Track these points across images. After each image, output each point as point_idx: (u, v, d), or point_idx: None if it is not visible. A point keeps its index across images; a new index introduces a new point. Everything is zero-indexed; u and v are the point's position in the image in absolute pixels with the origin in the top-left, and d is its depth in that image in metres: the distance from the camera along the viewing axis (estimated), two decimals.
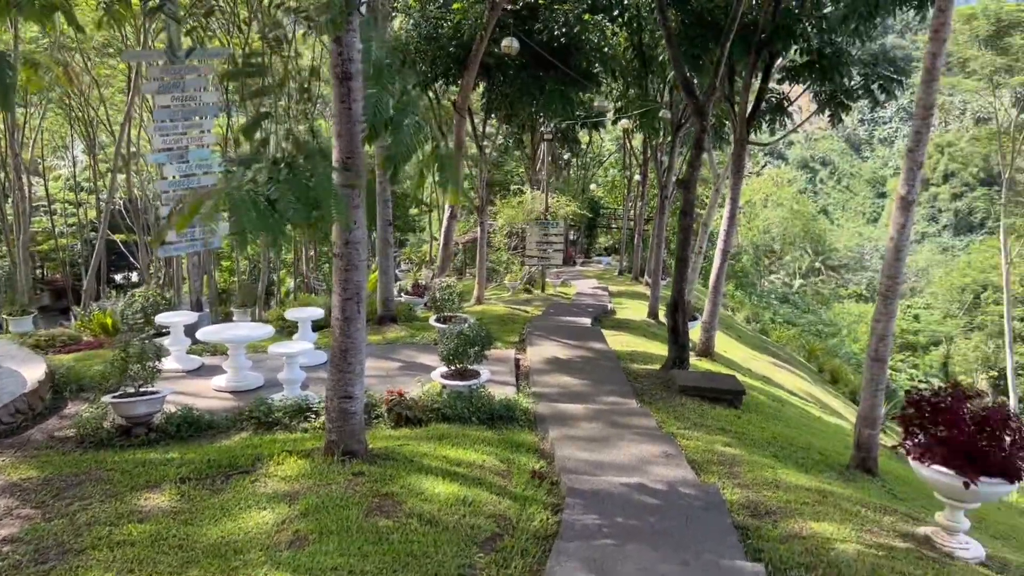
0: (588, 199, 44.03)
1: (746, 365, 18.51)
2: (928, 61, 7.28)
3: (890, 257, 7.80)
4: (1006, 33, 32.63)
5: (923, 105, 7.41)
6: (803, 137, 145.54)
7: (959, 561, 5.92)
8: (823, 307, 57.65)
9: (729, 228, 15.25)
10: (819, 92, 14.88)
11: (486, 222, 22.07)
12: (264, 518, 5.78)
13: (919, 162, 7.46)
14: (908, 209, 7.55)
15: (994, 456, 5.86)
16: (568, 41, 19.39)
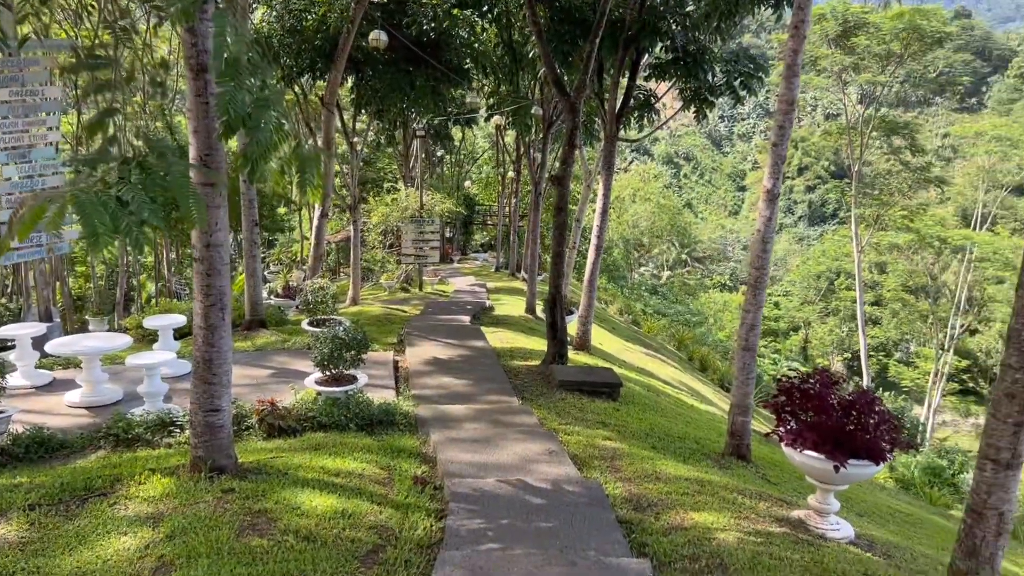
0: (463, 196, 43.99)
1: (621, 357, 18.87)
2: (789, 57, 7.53)
3: (757, 248, 8.04)
4: (852, 33, 34.70)
5: (785, 100, 7.67)
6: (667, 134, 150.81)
7: (831, 542, 6.13)
8: (690, 297, 59.80)
9: (602, 223, 15.46)
10: (684, 89, 15.28)
11: (359, 220, 21.59)
12: (125, 544, 5.33)
13: (782, 156, 7.72)
14: (773, 202, 7.80)
15: (861, 439, 6.10)
16: (437, 36, 19.20)
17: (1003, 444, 4.30)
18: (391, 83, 19.42)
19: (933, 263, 51.02)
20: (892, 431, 6.21)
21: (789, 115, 7.65)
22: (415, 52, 18.58)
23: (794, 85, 7.61)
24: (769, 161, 7.81)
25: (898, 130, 40.02)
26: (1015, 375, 4.21)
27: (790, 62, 7.50)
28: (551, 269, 12.08)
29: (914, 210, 41.84)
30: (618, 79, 15.07)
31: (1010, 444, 4.28)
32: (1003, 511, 4.38)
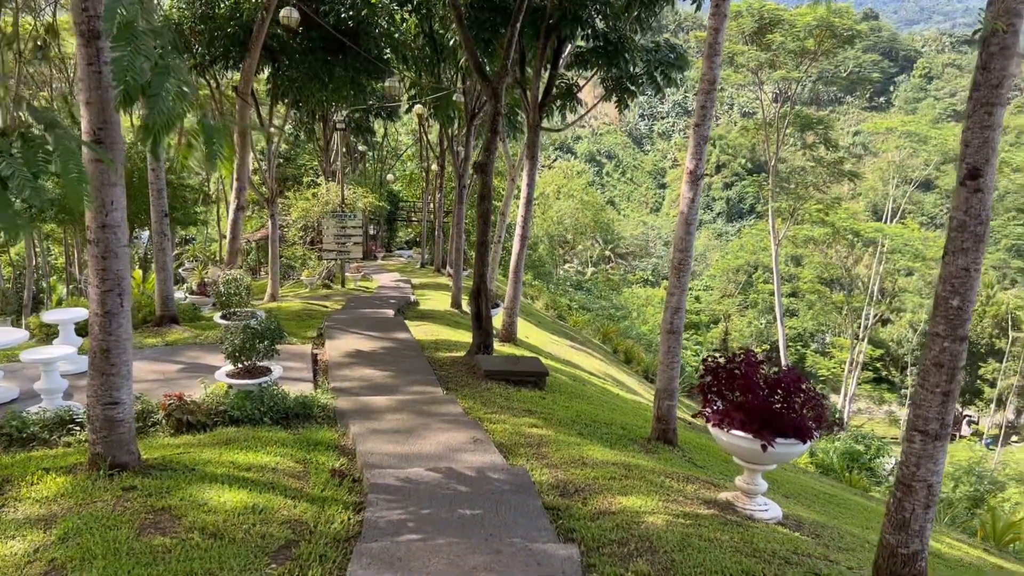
0: (387, 192, 43.41)
1: (547, 349, 18.79)
2: (711, 36, 7.47)
3: (681, 231, 7.97)
4: (768, 30, 35.44)
5: (707, 80, 7.61)
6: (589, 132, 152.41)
7: (760, 522, 6.07)
8: (614, 292, 60.41)
9: (526, 213, 15.32)
10: (606, 79, 15.25)
11: (277, 215, 20.96)
12: (13, 549, 4.87)
13: (705, 136, 7.65)
14: (697, 183, 7.74)
15: (788, 417, 6.04)
16: (356, 25, 18.74)
17: (931, 415, 4.25)
18: (308, 73, 18.88)
19: (847, 255, 52.74)
20: (818, 409, 6.19)
21: (711, 95, 7.60)
22: (333, 41, 18.10)
23: (715, 64, 7.55)
24: (692, 142, 7.74)
25: (812, 126, 41.10)
26: (943, 343, 4.16)
27: (712, 40, 7.45)
28: (475, 259, 11.86)
29: (829, 204, 43.09)
30: (540, 68, 14.93)
31: (938, 415, 4.24)
32: (931, 483, 4.34)
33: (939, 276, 4.18)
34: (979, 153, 3.92)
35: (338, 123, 27.06)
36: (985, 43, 3.91)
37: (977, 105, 3.96)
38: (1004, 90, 3.91)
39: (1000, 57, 3.88)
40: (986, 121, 3.93)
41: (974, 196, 3.96)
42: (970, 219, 4.00)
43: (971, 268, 4.03)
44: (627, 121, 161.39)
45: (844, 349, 53.96)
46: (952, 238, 4.07)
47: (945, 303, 4.13)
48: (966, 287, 4.05)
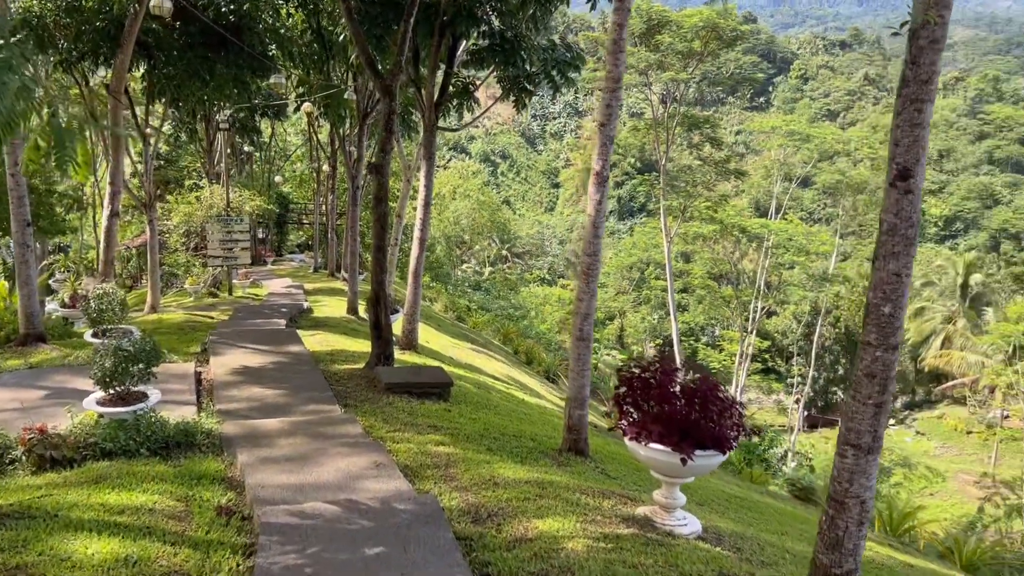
0: (276, 194, 41.96)
1: (448, 354, 18.34)
2: (615, 32, 7.19)
3: (588, 235, 7.66)
4: (657, 31, 35.95)
5: (612, 77, 7.33)
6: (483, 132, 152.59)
7: (680, 539, 5.81)
8: (512, 292, 60.47)
9: (425, 215, 14.83)
10: (503, 78, 14.91)
11: (156, 221, 19.73)
12: None
13: (611, 136, 7.37)
14: (603, 184, 7.45)
15: (707, 428, 5.80)
16: (238, 20, 17.78)
17: (864, 427, 4.04)
18: (188, 70, 17.80)
19: (733, 251, 54.34)
20: (735, 417, 5.98)
21: (616, 93, 7.33)
22: (214, 36, 17.09)
23: (620, 61, 7.28)
24: (597, 142, 7.45)
25: (700, 125, 42.00)
26: (875, 353, 3.96)
27: (615, 37, 7.17)
28: (372, 265, 11.29)
29: (717, 202, 44.17)
30: (435, 66, 14.46)
31: (871, 427, 4.03)
32: (865, 499, 4.14)
33: (869, 283, 3.97)
34: (909, 152, 3.72)
35: (222, 123, 25.81)
36: (914, 36, 3.72)
37: (907, 102, 3.77)
38: (934, 86, 3.72)
39: (930, 51, 3.70)
40: (916, 119, 3.73)
41: (905, 198, 3.76)
42: (901, 222, 3.80)
43: (902, 273, 3.84)
44: (520, 121, 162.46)
45: (734, 342, 55.55)
46: (883, 242, 3.87)
47: (877, 311, 3.92)
48: (898, 293, 3.85)
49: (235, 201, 26.56)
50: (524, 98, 15.18)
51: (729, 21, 36.81)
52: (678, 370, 6.26)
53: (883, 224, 3.87)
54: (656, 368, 6.19)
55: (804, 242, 46.57)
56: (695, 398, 5.98)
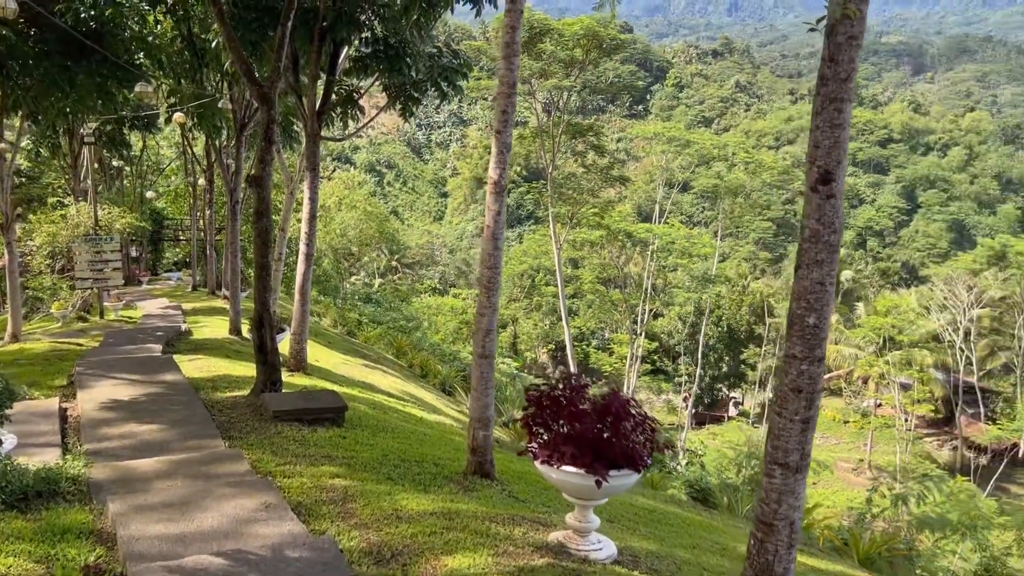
0: (149, 210, 39.89)
1: (341, 372, 17.67)
2: (508, 35, 6.89)
3: (488, 247, 7.32)
4: (539, 39, 36.17)
5: (506, 83, 7.02)
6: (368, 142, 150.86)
7: (596, 564, 5.53)
8: (403, 303, 59.70)
9: (310, 229, 14.17)
10: (389, 85, 14.44)
11: (15, 243, 18.22)
12: None
13: (507, 143, 7.07)
14: (501, 194, 7.13)
15: (620, 446, 5.55)
16: (100, 26, 16.60)
17: (792, 445, 3.85)
18: (45, 80, 16.49)
19: (618, 255, 55.37)
20: (649, 433, 5.76)
21: (511, 98, 7.03)
22: (73, 44, 15.88)
23: (514, 65, 6.99)
24: (494, 150, 7.12)
25: (584, 133, 42.58)
26: (800, 366, 3.77)
27: (508, 40, 6.88)
28: (256, 284, 10.60)
29: (604, 208, 44.85)
30: (316, 74, 13.85)
31: (799, 444, 3.84)
32: (794, 520, 3.95)
33: (791, 292, 3.79)
34: (830, 155, 3.56)
35: (87, 136, 24.19)
36: (832, 32, 3.56)
37: (826, 101, 3.60)
38: (853, 84, 3.56)
39: (848, 47, 3.54)
40: (836, 119, 3.57)
41: (827, 203, 3.59)
42: (823, 228, 3.63)
43: (826, 282, 3.66)
44: (405, 131, 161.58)
45: (624, 344, 56.53)
46: (805, 250, 3.69)
47: (801, 322, 3.74)
48: (822, 303, 3.68)
49: (104, 219, 24.97)
50: (411, 106, 14.75)
51: (609, 30, 37.47)
52: (587, 386, 6.00)
53: (805, 231, 3.69)
54: (565, 386, 5.90)
55: (687, 245, 47.86)
56: (606, 415, 5.72)
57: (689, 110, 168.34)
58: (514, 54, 6.93)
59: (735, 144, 64.58)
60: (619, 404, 5.73)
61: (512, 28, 6.84)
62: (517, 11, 6.86)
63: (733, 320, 72.37)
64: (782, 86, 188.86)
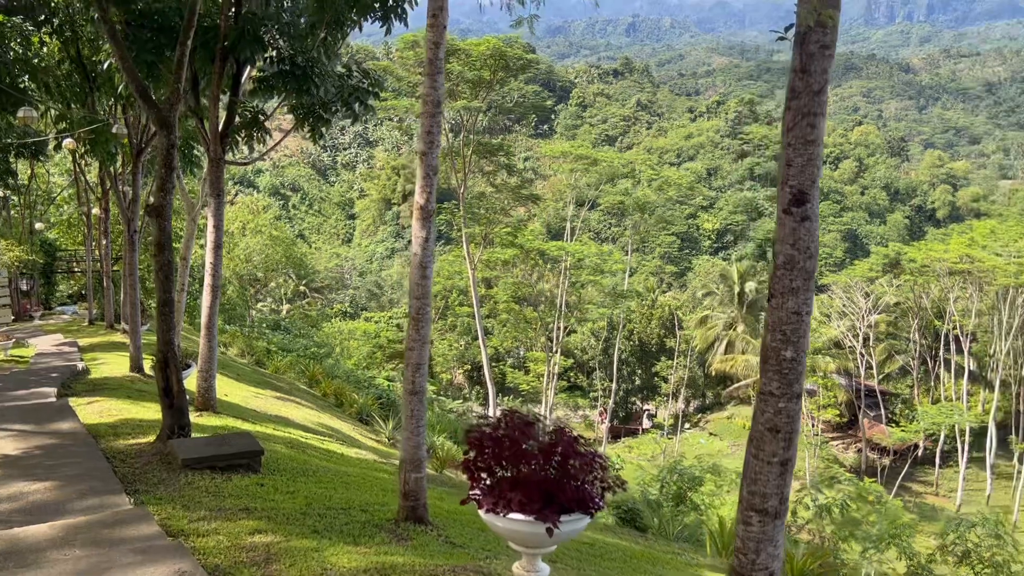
0: (40, 241, 37.71)
1: (252, 406, 16.84)
2: (431, 52, 6.51)
3: (416, 276, 6.86)
4: (447, 60, 35.90)
5: (430, 101, 6.63)
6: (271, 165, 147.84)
7: None
8: (314, 329, 58.27)
9: (216, 259, 13.40)
10: (297, 106, 13.83)
11: None
12: None
13: (434, 166, 6.66)
14: (429, 219, 6.70)
15: (571, 488, 5.17)
16: None
17: (770, 490, 3.56)
18: None
19: (531, 273, 55.47)
20: (599, 472, 5.40)
21: (436, 117, 6.64)
22: None
23: (438, 83, 6.61)
24: (419, 173, 6.70)
25: (495, 153, 42.51)
26: (777, 404, 3.48)
27: (431, 56, 6.49)
28: (158, 322, 9.82)
29: (516, 227, 44.81)
30: (218, 95, 13.12)
31: (777, 488, 3.55)
32: (774, 570, 3.65)
33: (764, 324, 3.51)
34: (804, 173, 3.30)
35: None
36: (803, 42, 3.31)
37: (798, 116, 3.34)
38: (826, 96, 3.32)
39: (820, 57, 3.30)
40: (809, 134, 3.31)
41: (802, 226, 3.33)
42: (799, 253, 3.36)
43: (803, 311, 3.40)
44: (310, 153, 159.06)
45: (540, 362, 56.52)
46: (779, 277, 3.41)
47: (777, 355, 3.46)
48: (799, 334, 3.41)
49: None
50: (320, 127, 14.17)
51: (515, 49, 37.52)
52: (532, 424, 5.61)
53: (778, 257, 3.42)
54: (508, 424, 5.49)
55: (599, 261, 48.25)
56: (554, 455, 5.34)
57: (593, 129, 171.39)
58: (437, 71, 6.54)
59: (641, 161, 65.74)
60: (567, 442, 5.36)
61: (435, 44, 6.47)
62: (440, 26, 6.49)
63: (644, 333, 73.42)
64: (681, 104, 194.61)
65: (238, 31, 12.30)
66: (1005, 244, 55.60)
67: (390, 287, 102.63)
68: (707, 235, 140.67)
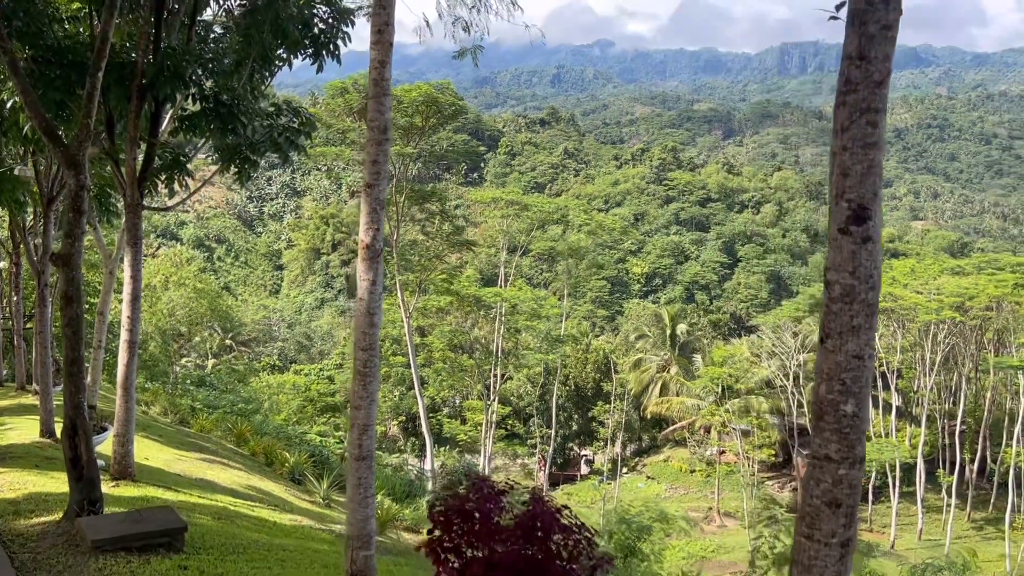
0: None
1: (175, 471, 15.54)
2: (375, 72, 5.83)
3: (362, 324, 6.06)
4: None
5: (377, 127, 5.93)
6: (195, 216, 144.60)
7: None
8: (241, 384, 56.28)
9: (133, 313, 12.30)
10: (222, 147, 12.92)
11: None
12: None
13: (380, 200, 5.92)
14: (376, 259, 5.94)
15: (556, 570, 4.42)
16: None
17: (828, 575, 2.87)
18: None
19: (464, 320, 54.71)
20: (587, 546, 4.66)
21: (383, 146, 5.93)
22: None
23: (385, 106, 5.92)
24: (364, 208, 5.95)
25: (429, 199, 41.94)
26: (837, 471, 2.82)
27: (377, 77, 5.81)
28: (65, 383, 8.75)
29: (451, 273, 44.13)
30: (136, 136, 12.15)
31: (837, 574, 2.86)
32: None
33: (816, 371, 2.87)
34: (864, 184, 2.69)
35: None
36: (861, 22, 2.71)
37: (855, 113, 2.73)
38: (887, 90, 2.73)
39: (882, 40, 2.69)
40: (870, 136, 2.71)
41: (863, 249, 2.71)
42: (859, 283, 2.74)
43: (864, 355, 2.76)
44: (235, 204, 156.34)
45: (477, 411, 55.48)
46: (835, 313, 2.78)
47: (835, 410, 2.81)
48: (860, 383, 2.77)
49: None
50: (247, 169, 13.27)
51: (447, 96, 37.23)
52: (504, 492, 4.85)
53: (833, 288, 2.79)
54: (478, 496, 4.72)
55: (535, 306, 47.84)
56: (532, 529, 4.59)
57: (522, 176, 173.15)
58: (384, 93, 5.86)
59: (574, 206, 66.10)
60: (547, 514, 4.61)
61: (381, 63, 5.80)
62: (385, 43, 5.83)
63: (579, 378, 73.16)
64: (606, 152, 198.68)
65: (157, 67, 11.42)
66: (924, 282, 57.29)
67: (320, 338, 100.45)
68: (636, 279, 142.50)
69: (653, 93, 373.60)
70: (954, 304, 51.08)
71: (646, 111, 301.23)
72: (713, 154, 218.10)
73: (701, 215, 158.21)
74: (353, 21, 13.02)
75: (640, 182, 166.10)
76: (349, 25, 13.04)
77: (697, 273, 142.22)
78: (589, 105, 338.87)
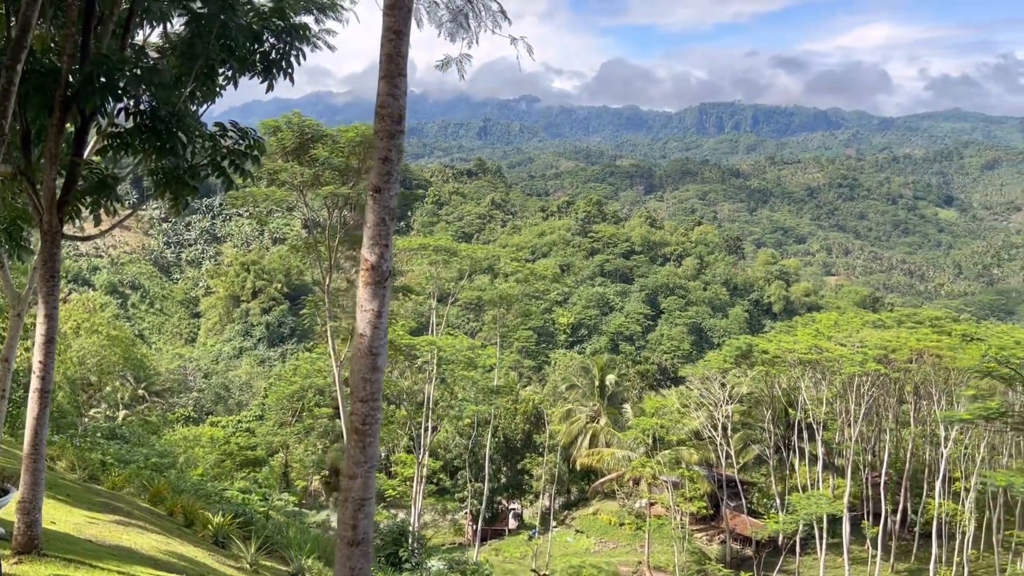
0: None
1: (86, 536, 13.78)
2: (390, 45, 4.70)
3: (363, 366, 4.77)
4: (311, 145, 34.22)
5: (388, 115, 4.70)
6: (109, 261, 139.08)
7: None
8: (155, 436, 53.20)
9: (46, 356, 10.67)
10: (157, 169, 11.53)
11: None
12: None
13: (390, 209, 4.76)
14: (383, 285, 4.71)
15: None
16: None
17: None
18: None
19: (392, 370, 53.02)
20: None
21: (396, 139, 4.79)
22: None
23: (400, 90, 4.78)
24: (371, 220, 4.75)
25: (358, 245, 40.62)
26: None
27: (391, 52, 4.72)
28: None
29: None
30: (57, 153, 10.69)
31: None
32: None
33: None
34: None
35: None
36: None
37: None
38: None
39: None
40: None
41: None
42: None
43: None
44: (152, 249, 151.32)
45: (408, 465, 53.50)
46: None
47: None
48: None
49: None
50: (184, 196, 11.88)
51: None
52: None
53: None
54: None
55: (471, 356, 46.68)
56: None
57: (450, 226, 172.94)
58: (399, 73, 4.70)
59: (504, 255, 65.54)
60: None
61: (396, 34, 4.68)
62: (404, 8, 4.71)
63: (508, 429, 71.80)
64: (533, 204, 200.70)
65: (85, 76, 10.07)
66: (848, 335, 58.29)
67: (238, 388, 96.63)
68: (562, 329, 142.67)
69: (577, 148, 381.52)
70: (878, 356, 51.93)
71: (571, 165, 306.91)
72: (635, 208, 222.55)
73: (625, 267, 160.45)
74: (308, 38, 11.96)
75: (566, 234, 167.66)
76: (304, 43, 11.96)
77: (622, 324, 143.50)
78: (515, 158, 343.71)
